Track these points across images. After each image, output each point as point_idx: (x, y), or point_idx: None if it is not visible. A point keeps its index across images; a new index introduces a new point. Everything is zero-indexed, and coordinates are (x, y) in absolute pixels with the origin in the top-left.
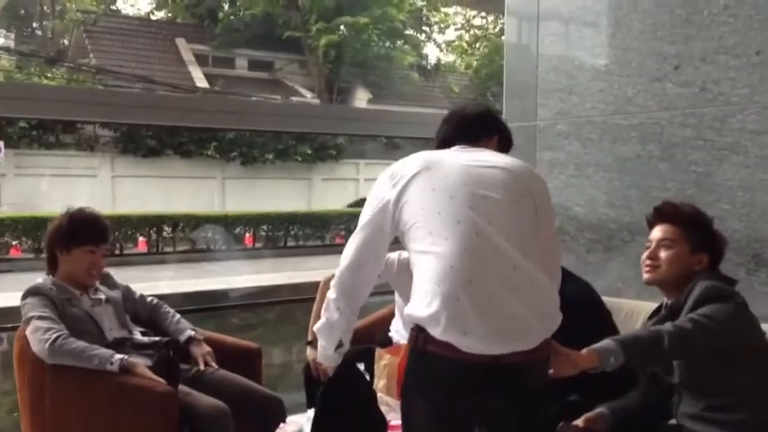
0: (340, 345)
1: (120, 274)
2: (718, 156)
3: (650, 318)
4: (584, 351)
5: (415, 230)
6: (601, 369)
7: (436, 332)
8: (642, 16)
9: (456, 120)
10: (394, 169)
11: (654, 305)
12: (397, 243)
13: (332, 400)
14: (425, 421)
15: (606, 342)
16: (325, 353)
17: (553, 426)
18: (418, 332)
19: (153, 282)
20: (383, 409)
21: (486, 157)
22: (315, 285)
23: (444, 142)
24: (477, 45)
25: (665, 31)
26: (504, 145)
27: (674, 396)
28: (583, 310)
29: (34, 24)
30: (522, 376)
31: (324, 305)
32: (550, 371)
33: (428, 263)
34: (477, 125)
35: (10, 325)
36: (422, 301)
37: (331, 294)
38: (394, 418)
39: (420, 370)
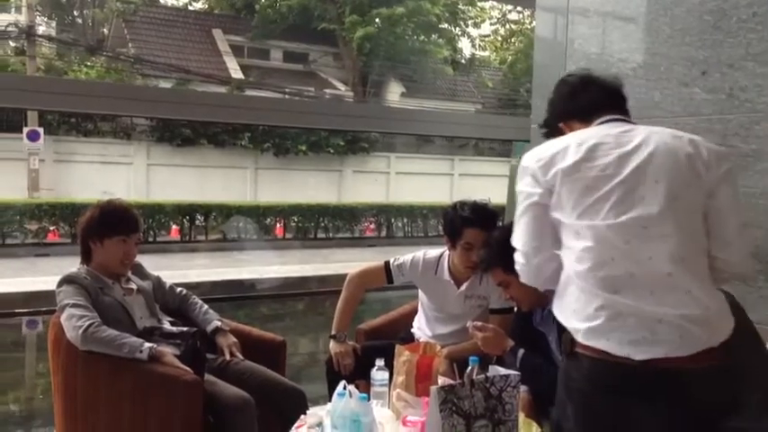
0: None
1: (152, 262)
2: (742, 163)
3: None
4: None
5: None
6: None
7: (579, 336)
8: (671, 21)
9: (596, 86)
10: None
11: None
12: (430, 244)
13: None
14: (575, 424)
15: None
16: None
17: None
18: (567, 333)
19: (185, 270)
20: (400, 405)
21: (642, 139)
22: (343, 277)
23: (588, 109)
24: (513, 40)
25: (693, 36)
26: None
27: None
28: None
29: (75, 13)
30: (678, 385)
31: None
32: None
33: (573, 266)
34: (620, 94)
35: (45, 308)
36: (570, 301)
37: None
38: (411, 414)
39: (570, 370)
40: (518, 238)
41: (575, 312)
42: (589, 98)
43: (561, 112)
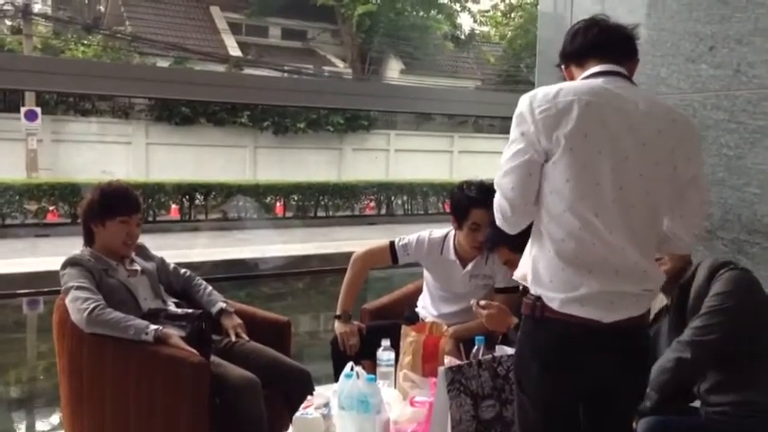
0: None
1: (153, 241)
2: (750, 139)
3: None
4: None
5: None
6: None
7: (554, 304)
8: None
9: (598, 28)
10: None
11: None
12: (430, 221)
13: None
14: (539, 384)
15: None
16: None
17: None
18: (536, 300)
19: (186, 249)
20: (407, 385)
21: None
22: (344, 256)
23: (583, 52)
24: (513, 15)
25: (700, 11)
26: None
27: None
28: None
29: None
30: (631, 338)
31: None
32: None
33: (556, 244)
34: (626, 39)
35: (47, 289)
36: (545, 273)
37: None
38: (419, 395)
39: (537, 332)
40: (509, 188)
41: (551, 283)
42: (586, 41)
43: (561, 54)
